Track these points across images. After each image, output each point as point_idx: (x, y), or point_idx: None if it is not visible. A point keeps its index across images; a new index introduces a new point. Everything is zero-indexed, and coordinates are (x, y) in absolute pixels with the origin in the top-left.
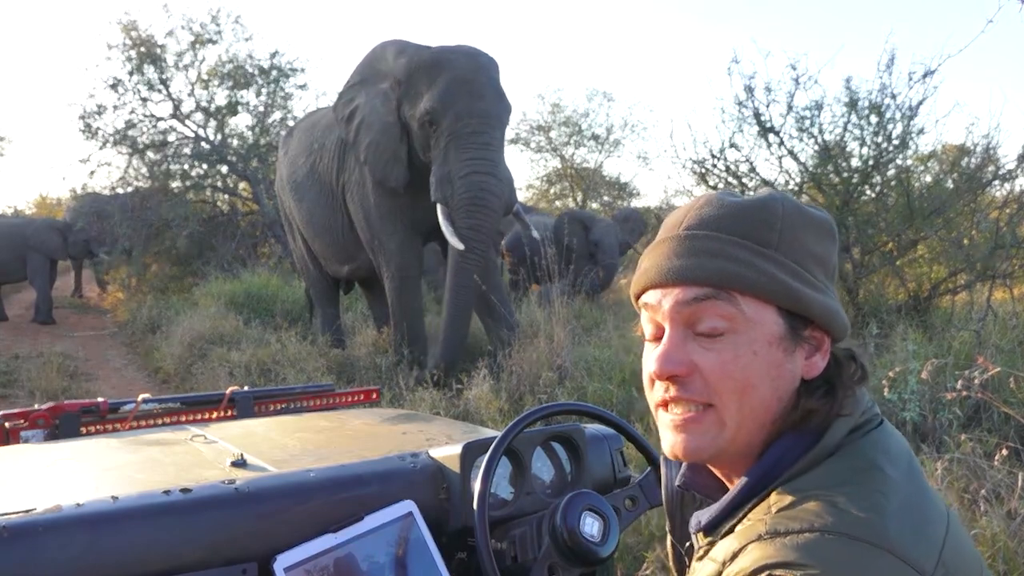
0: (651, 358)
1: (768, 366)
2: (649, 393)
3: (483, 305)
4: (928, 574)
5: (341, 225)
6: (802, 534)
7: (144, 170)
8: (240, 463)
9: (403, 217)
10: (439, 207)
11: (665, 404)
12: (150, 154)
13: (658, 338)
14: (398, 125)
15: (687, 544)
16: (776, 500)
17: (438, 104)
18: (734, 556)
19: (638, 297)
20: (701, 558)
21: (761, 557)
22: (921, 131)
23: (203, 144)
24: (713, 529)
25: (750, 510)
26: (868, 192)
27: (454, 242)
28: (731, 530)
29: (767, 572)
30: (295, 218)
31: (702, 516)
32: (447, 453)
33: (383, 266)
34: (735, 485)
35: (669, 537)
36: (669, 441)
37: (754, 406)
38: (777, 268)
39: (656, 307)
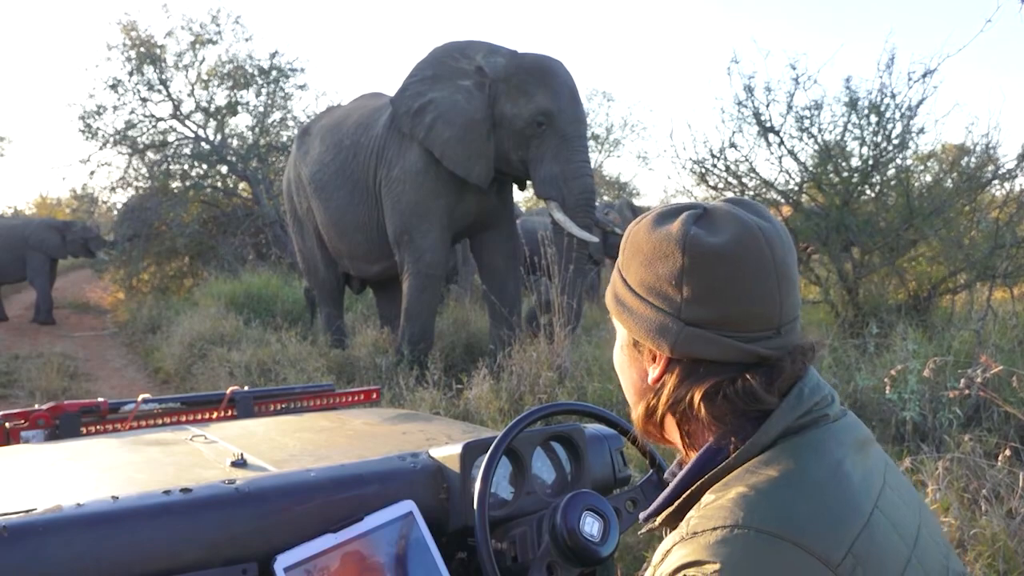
0: None
1: (624, 365)
2: None
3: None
4: (833, 564)
5: (377, 223)
6: (714, 532)
7: (144, 170)
8: (240, 463)
9: (441, 216)
10: (552, 203)
11: None
12: (150, 154)
13: None
14: (487, 122)
15: None
16: (707, 499)
17: (553, 105)
18: (663, 557)
19: None
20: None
21: (679, 557)
22: (921, 131)
23: (203, 144)
24: (650, 519)
25: (687, 500)
26: (868, 192)
27: (584, 235)
28: (671, 518)
29: (681, 572)
30: (316, 218)
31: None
32: (447, 453)
33: (408, 262)
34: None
35: None
36: None
37: (629, 390)
38: (619, 286)
39: None
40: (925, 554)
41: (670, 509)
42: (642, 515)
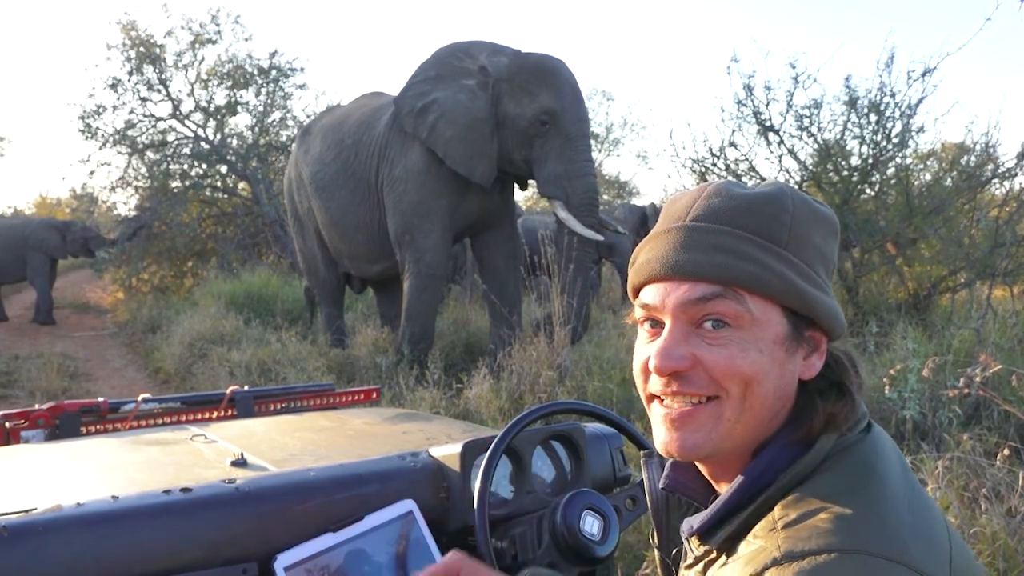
0: (649, 351)
1: (772, 364)
2: (641, 384)
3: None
4: None
5: (378, 223)
6: (820, 555)
7: (144, 170)
8: (240, 463)
9: (443, 216)
10: (557, 203)
11: (660, 397)
12: (150, 154)
13: (655, 328)
14: (490, 122)
15: (674, 551)
16: (781, 515)
17: (557, 105)
18: None
19: (637, 290)
20: (691, 565)
21: None
22: (920, 129)
23: (203, 144)
24: (708, 534)
25: (749, 518)
26: (868, 191)
27: (589, 234)
28: (730, 539)
29: None
30: (317, 217)
31: (694, 521)
32: (447, 452)
33: (409, 262)
34: (727, 489)
35: (657, 551)
36: (663, 438)
37: (754, 404)
38: (787, 267)
39: (659, 304)
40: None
41: (731, 528)
42: (686, 531)
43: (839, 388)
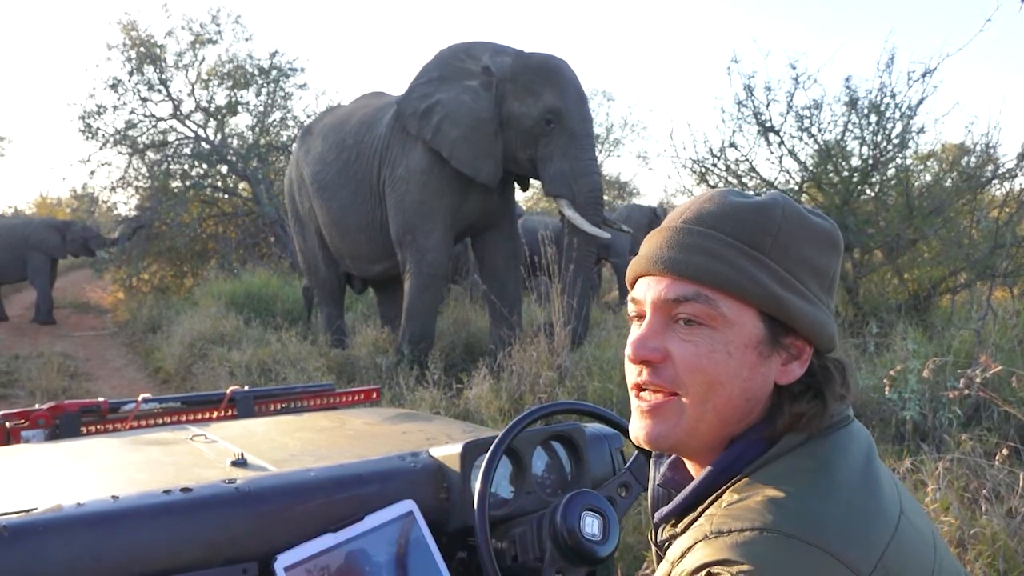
0: (629, 340)
1: (740, 367)
2: (628, 375)
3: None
4: (864, 574)
5: (380, 223)
6: (742, 533)
7: (144, 170)
8: (240, 463)
9: (444, 216)
10: (562, 201)
11: (639, 388)
12: (150, 154)
13: (641, 320)
14: (494, 122)
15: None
16: (727, 498)
17: (562, 104)
18: (683, 555)
19: (632, 283)
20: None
21: (703, 556)
22: (921, 130)
23: (203, 144)
24: (669, 519)
25: (709, 505)
26: (868, 191)
27: (595, 231)
28: (688, 526)
29: (706, 570)
30: (318, 217)
31: (665, 509)
32: (447, 452)
33: (410, 262)
34: (696, 478)
35: (654, 547)
36: (635, 427)
37: (718, 403)
38: (763, 272)
39: (642, 298)
40: (944, 559)
41: (694, 514)
42: (658, 515)
43: (815, 393)
